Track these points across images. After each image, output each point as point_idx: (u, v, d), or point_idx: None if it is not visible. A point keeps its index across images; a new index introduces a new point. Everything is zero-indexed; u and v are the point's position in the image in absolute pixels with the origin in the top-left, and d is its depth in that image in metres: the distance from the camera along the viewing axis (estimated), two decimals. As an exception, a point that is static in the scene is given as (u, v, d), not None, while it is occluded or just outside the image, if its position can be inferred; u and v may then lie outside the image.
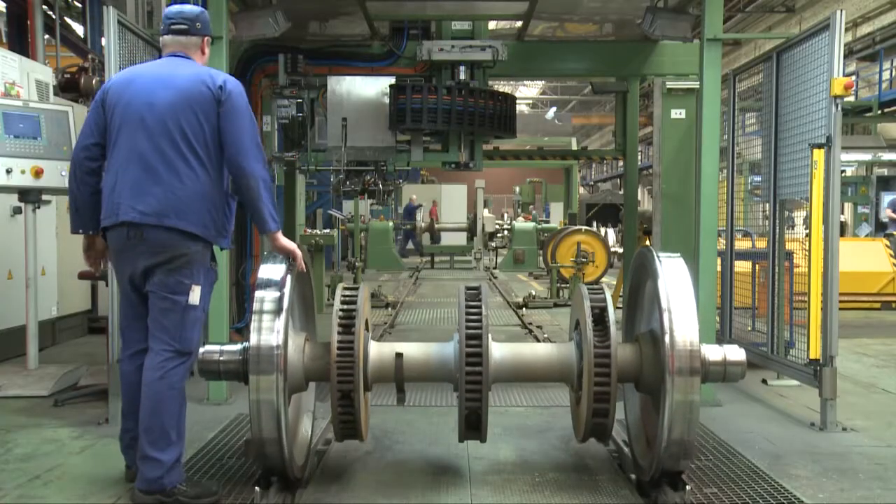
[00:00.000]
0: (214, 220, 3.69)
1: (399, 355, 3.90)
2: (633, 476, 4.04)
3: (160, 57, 3.91)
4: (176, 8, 3.87)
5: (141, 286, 3.72)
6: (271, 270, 3.70)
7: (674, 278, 3.68)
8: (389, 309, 10.94)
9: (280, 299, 3.60)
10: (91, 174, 3.76)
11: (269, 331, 3.56)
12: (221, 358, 3.80)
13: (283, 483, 3.77)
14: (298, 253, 3.81)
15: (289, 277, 3.67)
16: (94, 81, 8.81)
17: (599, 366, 3.74)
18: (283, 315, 3.57)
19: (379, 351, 3.98)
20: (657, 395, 3.73)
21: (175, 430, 3.65)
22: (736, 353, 3.82)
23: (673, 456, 3.60)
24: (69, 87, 8.80)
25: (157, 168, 3.57)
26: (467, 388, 3.74)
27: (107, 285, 5.20)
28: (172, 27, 3.83)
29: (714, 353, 3.77)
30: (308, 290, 4.30)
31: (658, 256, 3.81)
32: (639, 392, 4.08)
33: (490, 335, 3.82)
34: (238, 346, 3.79)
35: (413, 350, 3.99)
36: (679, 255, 3.87)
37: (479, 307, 3.84)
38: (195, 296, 3.69)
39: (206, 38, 3.90)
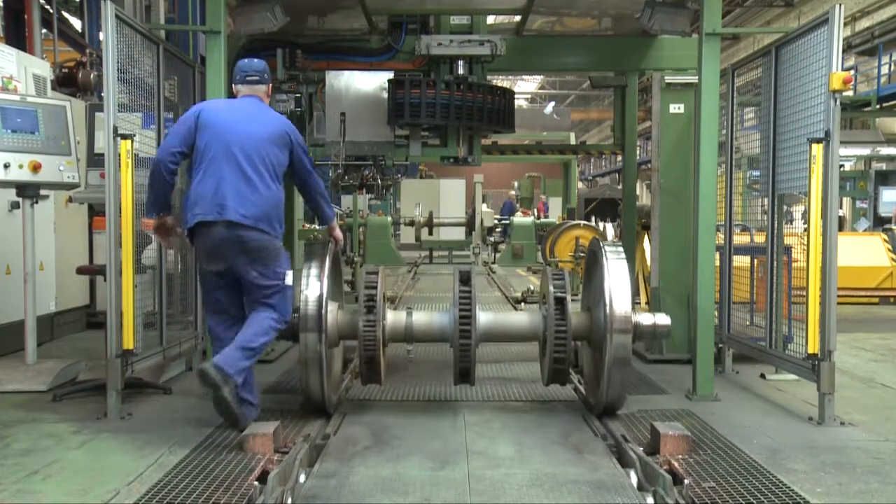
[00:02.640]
0: (280, 222, 4.89)
1: (409, 319, 5.30)
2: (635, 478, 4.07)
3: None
4: (246, 62, 5.11)
5: (230, 275, 4.85)
6: (313, 254, 5.09)
7: (615, 264, 5.04)
8: (388, 304, 10.91)
9: (320, 276, 4.95)
10: (172, 174, 4.86)
11: (314, 301, 4.88)
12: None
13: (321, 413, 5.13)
14: (341, 239, 5.41)
15: (327, 260, 5.02)
16: (91, 76, 8.80)
17: (558, 328, 5.08)
18: (323, 288, 4.91)
19: (394, 316, 5.32)
20: (602, 349, 4.99)
21: (255, 354, 4.79)
22: (663, 319, 5.24)
23: (613, 395, 5.02)
24: (67, 82, 8.79)
25: (254, 181, 4.75)
26: (461, 344, 5.12)
27: (105, 280, 5.21)
28: (247, 78, 5.05)
29: (646, 318, 5.18)
30: (338, 269, 5.65)
31: (604, 247, 5.15)
32: (590, 348, 5.47)
33: (477, 305, 5.16)
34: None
35: (419, 316, 5.35)
36: (620, 244, 5.27)
37: (469, 282, 5.23)
38: (289, 278, 4.93)
39: (269, 86, 5.16)
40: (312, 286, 4.91)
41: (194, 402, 5.60)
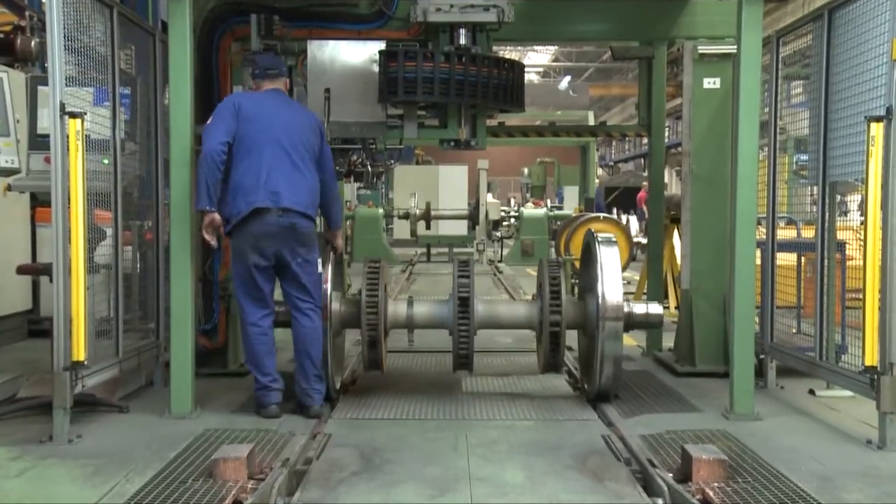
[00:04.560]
0: (317, 210, 5.84)
1: (410, 304, 6.38)
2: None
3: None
4: (267, 57, 6.24)
5: (272, 264, 5.66)
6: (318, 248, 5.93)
7: (607, 254, 5.94)
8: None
9: (325, 268, 5.95)
10: (223, 164, 5.54)
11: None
12: (282, 309, 5.93)
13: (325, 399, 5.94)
14: (341, 248, 6.45)
15: (331, 254, 6.13)
16: (32, 43, 8.72)
17: (553, 317, 6.06)
18: (327, 276, 5.95)
19: (395, 305, 6.35)
20: (595, 337, 5.91)
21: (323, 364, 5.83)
22: (655, 308, 6.39)
23: (606, 380, 5.89)
24: (3, 50, 8.70)
25: (301, 169, 5.68)
26: (459, 332, 6.10)
27: (51, 281, 5.16)
28: (269, 72, 5.95)
29: (639, 308, 6.26)
30: (340, 262, 6.72)
31: (598, 239, 6.08)
32: (584, 336, 6.46)
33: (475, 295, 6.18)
34: None
35: (420, 305, 6.41)
36: (613, 237, 6.21)
37: (468, 273, 6.21)
38: (320, 265, 5.88)
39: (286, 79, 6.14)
40: None
41: (155, 421, 5.57)
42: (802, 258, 6.96)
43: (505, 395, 6.54)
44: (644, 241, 13.22)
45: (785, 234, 7.12)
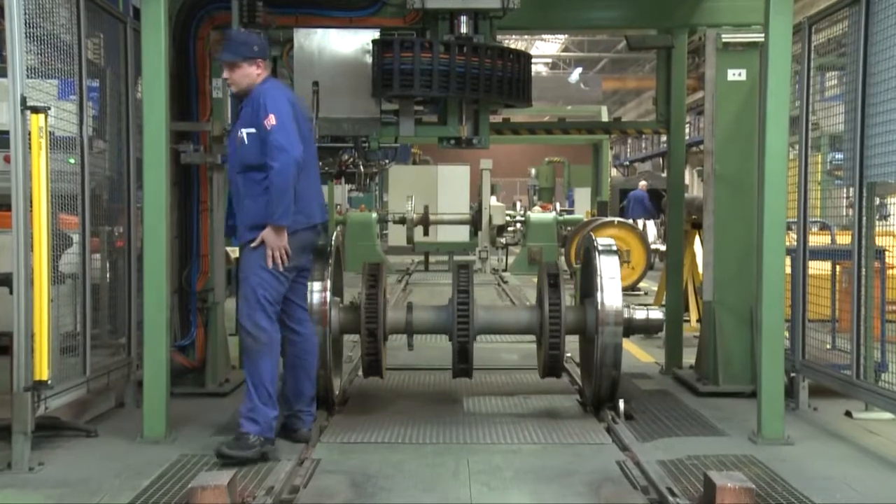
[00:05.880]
0: None
1: (410, 309, 6.75)
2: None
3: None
4: (252, 35, 5.99)
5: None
6: (317, 253, 6.15)
7: (606, 259, 6.40)
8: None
9: (324, 274, 6.32)
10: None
11: (318, 293, 6.26)
12: None
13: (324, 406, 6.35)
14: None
15: (331, 259, 6.41)
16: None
17: (553, 323, 6.48)
18: (326, 283, 6.31)
19: (395, 312, 6.72)
20: (595, 342, 6.32)
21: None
22: (656, 314, 6.81)
23: (606, 385, 6.32)
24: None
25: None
26: (459, 330, 6.46)
27: (10, 292, 5.13)
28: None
29: (639, 313, 6.64)
30: (340, 268, 7.06)
31: (596, 244, 6.53)
32: (584, 341, 6.94)
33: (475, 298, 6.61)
34: None
35: (420, 311, 6.78)
36: (612, 241, 6.73)
37: (467, 277, 6.64)
38: None
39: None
40: (317, 285, 6.25)
41: (126, 446, 5.56)
42: (837, 267, 6.94)
43: (510, 416, 6.53)
44: (662, 248, 13.20)
45: (818, 240, 7.10)
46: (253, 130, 5.45)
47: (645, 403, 6.71)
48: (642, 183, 23.41)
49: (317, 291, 6.24)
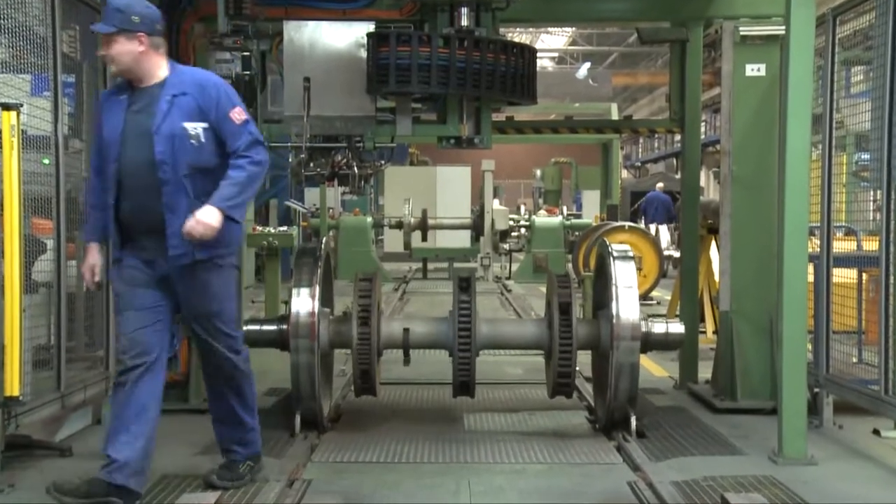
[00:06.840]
0: None
1: (406, 330, 6.57)
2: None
3: None
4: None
5: None
6: (304, 260, 6.38)
7: (622, 267, 6.27)
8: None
9: (312, 284, 6.19)
10: None
11: (306, 305, 6.13)
12: (263, 327, 6.46)
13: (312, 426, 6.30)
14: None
15: (319, 267, 6.29)
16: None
17: (563, 338, 6.30)
18: (315, 292, 6.17)
19: (389, 328, 6.61)
20: (609, 359, 6.17)
21: None
22: (676, 328, 6.66)
23: (620, 405, 6.18)
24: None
25: None
26: (460, 346, 6.36)
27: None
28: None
29: (658, 327, 6.52)
30: (329, 276, 6.97)
31: (612, 251, 6.42)
32: (598, 358, 6.76)
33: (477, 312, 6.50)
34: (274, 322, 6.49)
35: (416, 326, 6.71)
36: (628, 247, 6.65)
37: (469, 287, 6.51)
38: None
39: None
40: (304, 294, 6.17)
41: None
42: (864, 275, 6.94)
43: (514, 434, 6.53)
44: (676, 254, 13.20)
45: (842, 246, 7.09)
46: (206, 125, 4.90)
47: (658, 420, 6.70)
48: (659, 184, 23.43)
49: (304, 301, 6.14)
